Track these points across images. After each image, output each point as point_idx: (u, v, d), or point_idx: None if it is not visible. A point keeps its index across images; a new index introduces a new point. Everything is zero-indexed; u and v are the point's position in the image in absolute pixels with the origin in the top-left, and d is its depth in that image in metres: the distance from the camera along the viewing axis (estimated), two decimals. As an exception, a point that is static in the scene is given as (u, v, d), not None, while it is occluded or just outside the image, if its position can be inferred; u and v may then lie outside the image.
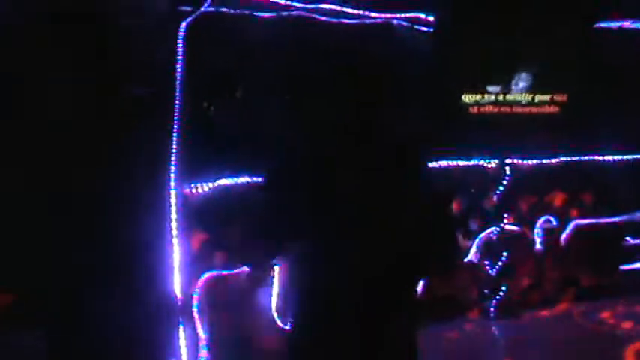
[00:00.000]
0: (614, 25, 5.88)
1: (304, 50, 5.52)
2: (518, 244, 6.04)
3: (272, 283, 5.22)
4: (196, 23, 5.01)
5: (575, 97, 5.80)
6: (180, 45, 4.89)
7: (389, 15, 5.71)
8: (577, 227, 6.16)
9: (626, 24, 5.91)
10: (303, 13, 5.61)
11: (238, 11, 5.43)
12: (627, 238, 6.25)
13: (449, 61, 5.74)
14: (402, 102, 5.81)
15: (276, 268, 5.10)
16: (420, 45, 5.79)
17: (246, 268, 5.15)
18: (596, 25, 5.78)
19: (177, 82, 4.90)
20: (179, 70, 4.90)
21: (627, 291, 6.12)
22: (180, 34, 4.90)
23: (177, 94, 4.90)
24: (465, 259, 5.98)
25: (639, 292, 6.07)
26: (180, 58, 4.89)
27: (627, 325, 5.82)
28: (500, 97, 5.81)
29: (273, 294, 5.19)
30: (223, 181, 5.26)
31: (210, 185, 5.23)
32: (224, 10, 5.35)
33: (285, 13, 5.59)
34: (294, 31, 5.61)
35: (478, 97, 5.82)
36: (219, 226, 5.21)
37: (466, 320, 5.96)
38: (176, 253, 4.88)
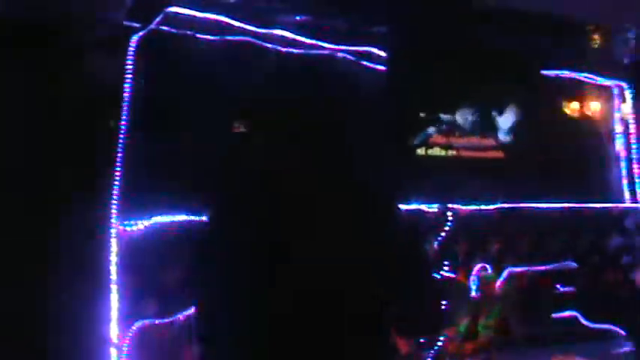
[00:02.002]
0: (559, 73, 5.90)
1: (244, 79, 5.07)
2: (455, 292, 5.83)
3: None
4: (145, 41, 4.46)
5: (518, 144, 5.76)
6: (130, 63, 4.32)
7: (339, 47, 5.41)
8: (510, 274, 6.08)
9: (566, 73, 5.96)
10: (249, 38, 5.19)
11: (181, 31, 4.94)
12: (558, 286, 6.24)
13: (395, 100, 5.50)
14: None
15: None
16: (363, 82, 5.52)
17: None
18: (542, 72, 5.77)
19: (125, 104, 4.31)
20: (127, 91, 4.31)
21: (559, 340, 6.06)
22: (131, 51, 4.32)
23: (124, 119, 4.31)
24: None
25: (570, 341, 6.02)
26: (129, 77, 4.31)
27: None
28: (446, 140, 5.65)
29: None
30: (159, 219, 4.71)
31: (145, 223, 4.64)
32: (165, 28, 4.83)
33: (230, 37, 5.15)
34: (236, 57, 5.18)
35: (423, 139, 5.62)
36: (152, 271, 4.63)
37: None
38: (114, 301, 4.26)
